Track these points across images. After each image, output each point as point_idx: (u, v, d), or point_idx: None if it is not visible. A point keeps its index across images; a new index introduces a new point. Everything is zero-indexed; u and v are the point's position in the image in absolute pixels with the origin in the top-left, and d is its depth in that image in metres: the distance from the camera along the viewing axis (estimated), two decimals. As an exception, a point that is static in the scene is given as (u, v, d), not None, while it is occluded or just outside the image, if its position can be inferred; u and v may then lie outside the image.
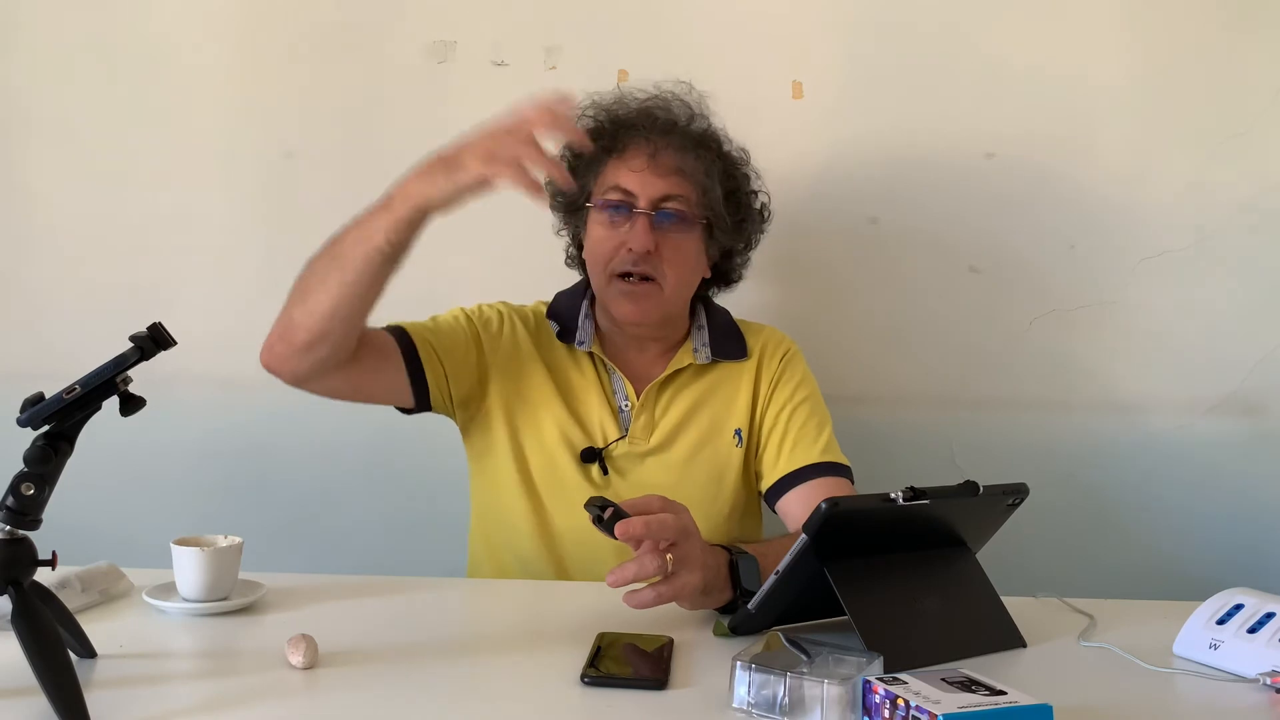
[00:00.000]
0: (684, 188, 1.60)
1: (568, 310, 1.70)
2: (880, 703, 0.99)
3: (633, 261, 1.58)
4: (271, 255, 2.09)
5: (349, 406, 1.70)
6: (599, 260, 1.62)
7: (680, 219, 1.60)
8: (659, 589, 1.23)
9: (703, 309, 1.74)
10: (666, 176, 1.60)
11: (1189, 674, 1.20)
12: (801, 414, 1.66)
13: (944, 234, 2.06)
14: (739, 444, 1.66)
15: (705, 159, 1.62)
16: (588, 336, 1.67)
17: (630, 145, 1.62)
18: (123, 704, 1.05)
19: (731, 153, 1.70)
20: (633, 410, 1.65)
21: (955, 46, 2.03)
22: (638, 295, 1.60)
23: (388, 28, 2.06)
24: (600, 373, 1.67)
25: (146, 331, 1.05)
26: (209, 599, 1.33)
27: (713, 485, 1.64)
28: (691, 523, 1.27)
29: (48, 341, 2.08)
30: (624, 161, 1.61)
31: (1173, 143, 2.03)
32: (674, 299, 1.64)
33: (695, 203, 1.61)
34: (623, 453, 1.63)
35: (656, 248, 1.58)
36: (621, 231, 1.60)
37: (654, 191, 1.59)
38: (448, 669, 1.19)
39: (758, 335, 1.74)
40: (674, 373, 1.67)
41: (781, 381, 1.69)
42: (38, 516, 1.05)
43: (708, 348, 1.69)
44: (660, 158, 1.60)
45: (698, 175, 1.60)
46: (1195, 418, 2.06)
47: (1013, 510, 1.36)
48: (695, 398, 1.67)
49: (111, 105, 2.08)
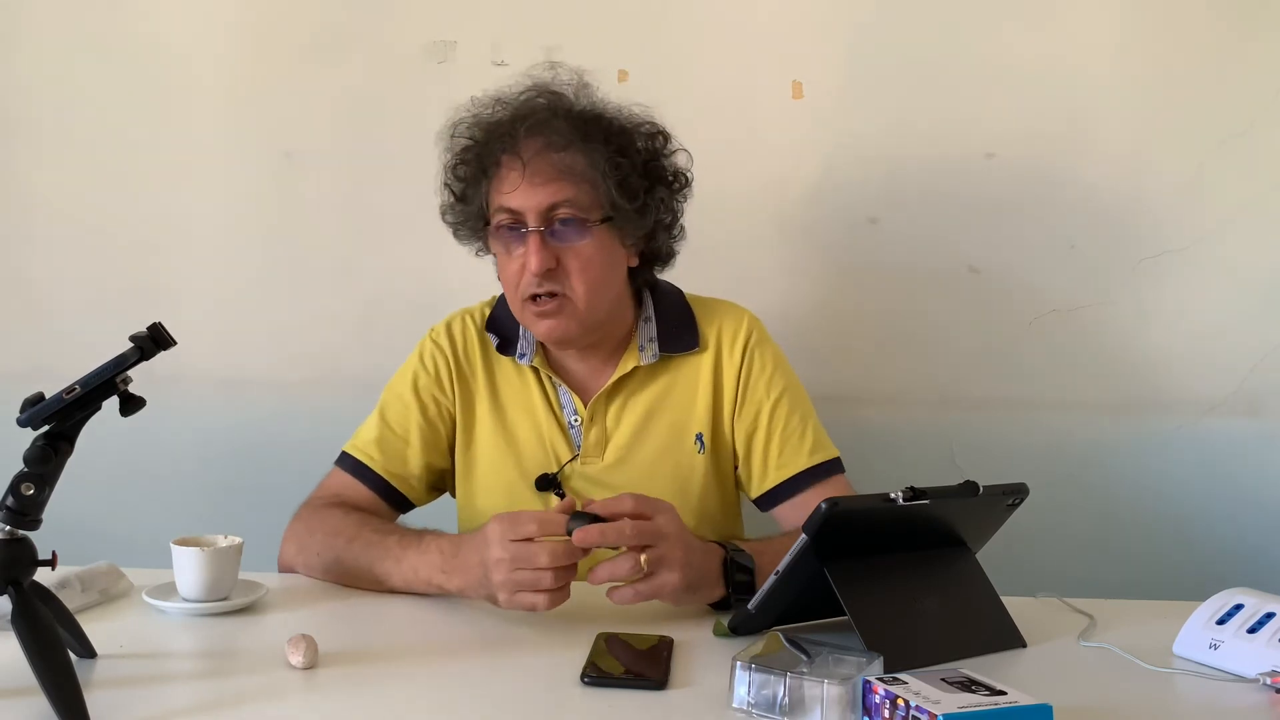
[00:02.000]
0: (569, 190, 1.47)
1: (508, 319, 1.60)
2: (880, 703, 0.99)
3: (536, 283, 1.48)
4: (272, 255, 2.10)
5: (349, 406, 1.70)
6: (509, 286, 1.54)
7: (575, 225, 1.48)
8: (637, 588, 1.25)
9: (649, 296, 1.63)
10: (547, 184, 1.47)
11: (1189, 674, 1.20)
12: (782, 412, 1.59)
13: (944, 234, 2.06)
14: (701, 450, 1.59)
15: (588, 150, 1.47)
16: (529, 349, 1.58)
17: (504, 160, 1.49)
18: (123, 704, 1.05)
19: (624, 127, 1.53)
20: (582, 425, 1.58)
21: (955, 46, 2.03)
22: (550, 312, 1.50)
23: (388, 28, 2.06)
24: (546, 387, 1.60)
25: (146, 331, 1.05)
26: (209, 599, 1.33)
27: (678, 497, 1.50)
28: (671, 523, 1.27)
29: (48, 341, 2.09)
30: (503, 179, 1.49)
31: (1173, 143, 2.03)
32: (591, 308, 1.51)
33: (587, 203, 1.48)
34: (578, 473, 1.57)
35: (558, 262, 1.48)
36: (519, 254, 1.49)
37: (538, 204, 1.47)
38: (448, 669, 1.19)
39: (712, 319, 1.62)
40: (620, 380, 1.58)
41: (752, 377, 1.59)
42: (38, 516, 1.05)
43: (655, 343, 1.59)
44: (535, 165, 1.46)
45: (584, 172, 1.47)
46: (1195, 418, 2.06)
47: (1013, 510, 1.36)
48: (648, 403, 1.59)
49: (111, 105, 2.08)
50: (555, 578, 1.24)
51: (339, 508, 1.53)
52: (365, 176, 2.09)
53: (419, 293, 2.06)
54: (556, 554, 1.24)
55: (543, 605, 1.25)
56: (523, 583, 1.25)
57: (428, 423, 1.61)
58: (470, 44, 2.05)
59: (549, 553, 1.24)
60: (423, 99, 2.04)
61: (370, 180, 2.09)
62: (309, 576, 1.49)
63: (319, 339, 2.10)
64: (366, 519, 1.49)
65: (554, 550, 1.24)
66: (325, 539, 1.47)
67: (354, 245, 2.09)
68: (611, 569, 1.25)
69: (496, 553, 1.25)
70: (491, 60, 2.04)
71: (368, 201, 2.09)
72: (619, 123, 1.54)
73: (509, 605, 1.27)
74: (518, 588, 1.25)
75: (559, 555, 1.24)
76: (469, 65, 2.04)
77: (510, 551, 1.24)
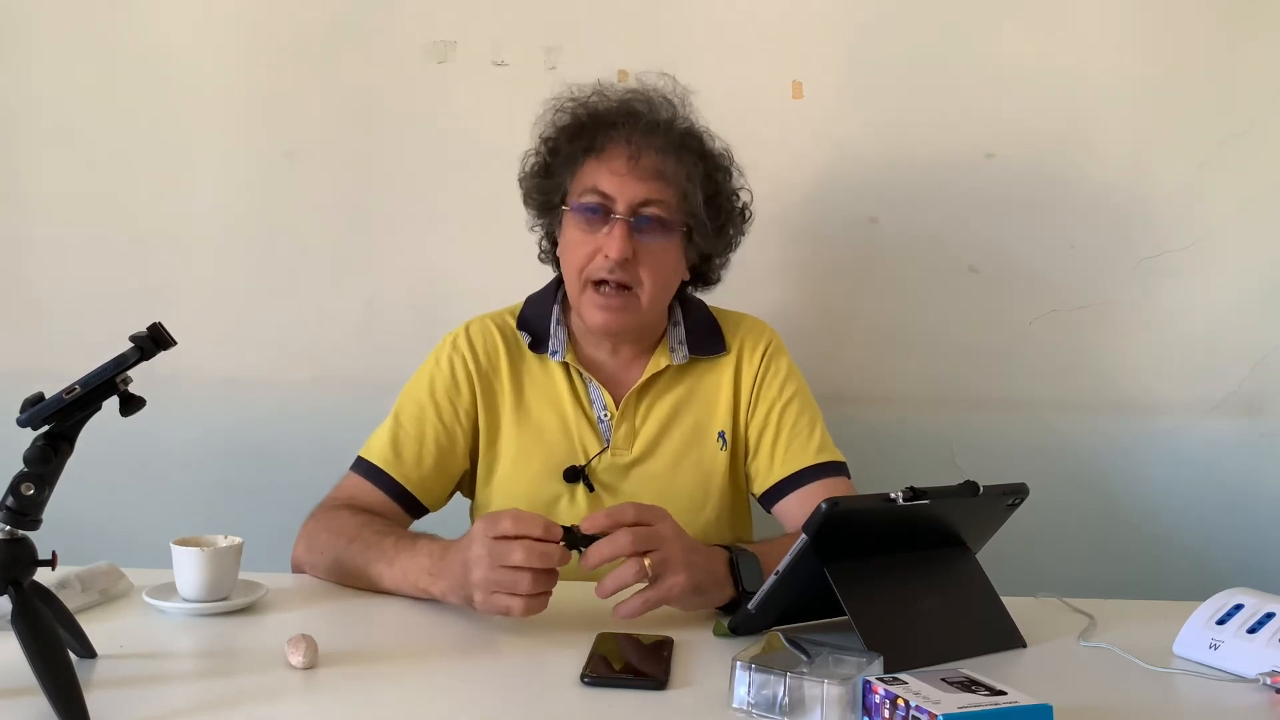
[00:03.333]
0: (665, 192, 1.53)
1: (538, 319, 1.65)
2: (880, 703, 0.99)
3: (609, 269, 1.52)
4: (272, 255, 2.10)
5: (349, 406, 1.70)
6: (574, 265, 1.57)
7: (660, 225, 1.54)
8: (645, 595, 1.24)
9: (679, 307, 1.69)
10: (647, 180, 1.53)
11: (1189, 674, 1.20)
12: (791, 412, 1.64)
13: (944, 234, 2.06)
14: (723, 447, 1.64)
15: (687, 161, 1.55)
16: (560, 345, 1.62)
17: (610, 145, 1.55)
18: (123, 704, 1.05)
19: (714, 152, 1.62)
20: (612, 420, 1.61)
21: (955, 46, 2.03)
22: (613, 305, 1.55)
23: (388, 28, 2.06)
24: (576, 383, 1.63)
25: (146, 331, 1.05)
26: (209, 599, 1.33)
27: (699, 492, 1.62)
28: (670, 527, 1.27)
29: (48, 341, 2.08)
30: (603, 163, 1.55)
31: (1173, 142, 2.03)
32: (651, 308, 1.58)
33: (675, 208, 1.55)
34: (606, 465, 1.60)
35: (634, 254, 1.53)
36: (598, 236, 1.54)
37: (634, 196, 1.53)
38: (448, 669, 1.19)
39: (736, 327, 1.69)
40: (652, 377, 1.63)
41: (767, 379, 1.65)
42: (38, 516, 1.05)
43: (684, 346, 1.64)
44: (642, 160, 1.53)
45: (679, 179, 1.53)
46: (1195, 418, 2.06)
47: (1013, 510, 1.36)
48: (675, 401, 1.63)
49: (111, 105, 2.08)
50: (533, 581, 1.22)
51: (347, 509, 1.54)
52: (365, 176, 2.09)
53: (419, 292, 2.06)
54: (532, 552, 1.22)
55: (518, 610, 1.23)
56: (500, 583, 1.23)
57: (444, 426, 1.61)
58: (470, 44, 2.05)
59: (524, 549, 1.22)
60: (423, 99, 2.04)
61: (370, 180, 2.09)
62: (315, 576, 1.49)
63: (319, 339, 2.10)
64: (369, 521, 1.50)
65: (530, 548, 1.22)
66: (329, 539, 1.48)
67: (354, 245, 2.09)
68: (618, 577, 1.25)
69: (477, 550, 1.24)
70: (491, 60, 2.04)
71: (368, 201, 2.09)
72: (714, 146, 1.63)
73: (484, 606, 1.25)
74: (494, 588, 1.23)
75: (534, 555, 1.22)
76: (469, 65, 2.04)
77: (489, 549, 1.23)
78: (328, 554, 1.47)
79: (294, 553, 1.53)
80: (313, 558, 1.50)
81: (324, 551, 1.48)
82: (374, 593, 1.42)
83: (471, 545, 1.26)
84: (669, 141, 1.55)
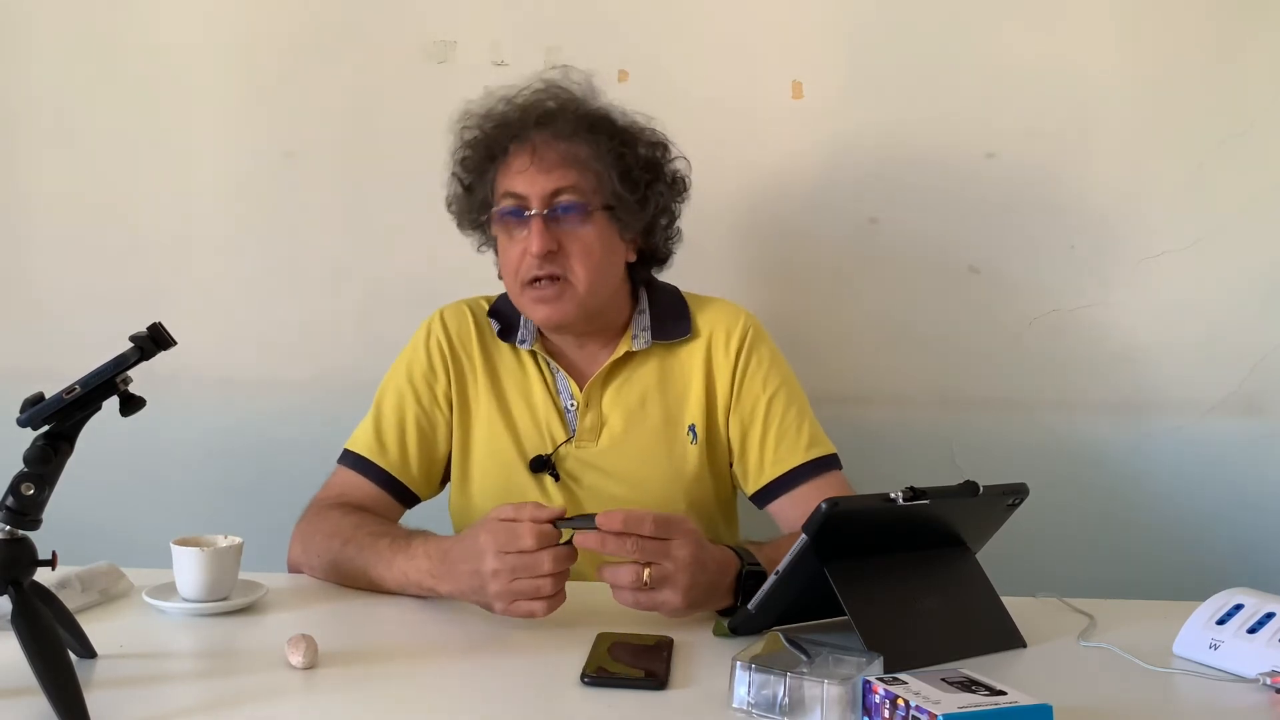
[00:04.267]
0: (574, 178, 1.53)
1: (509, 308, 1.64)
2: (880, 703, 0.99)
3: (537, 265, 1.53)
4: (271, 255, 2.10)
5: (349, 406, 1.70)
6: (509, 272, 1.58)
7: (578, 210, 1.53)
8: (637, 596, 1.25)
9: (645, 293, 1.67)
10: (553, 170, 1.53)
11: (1189, 674, 1.20)
12: (778, 408, 1.61)
13: (944, 234, 2.06)
14: (693, 440, 1.62)
15: (594, 141, 1.54)
16: (529, 334, 1.62)
17: (512, 146, 1.56)
18: (123, 704, 1.05)
19: (628, 127, 1.60)
20: (578, 409, 1.61)
21: (955, 46, 2.03)
22: (548, 297, 1.54)
23: (388, 28, 2.06)
24: (544, 371, 1.63)
25: (146, 331, 1.05)
26: (209, 599, 1.33)
27: (670, 486, 1.60)
28: (684, 548, 1.24)
29: (48, 341, 2.08)
30: (510, 165, 1.55)
31: (1173, 142, 2.03)
32: (591, 293, 1.56)
33: (592, 191, 1.54)
34: (572, 455, 1.60)
35: (559, 246, 1.53)
36: (521, 238, 1.54)
37: (543, 189, 1.53)
38: (448, 669, 1.19)
39: (706, 313, 1.66)
40: (614, 365, 1.61)
41: (748, 374, 1.62)
42: (38, 516, 1.05)
43: (648, 332, 1.63)
44: (542, 152, 1.53)
45: (589, 162, 1.53)
46: (1195, 418, 2.06)
47: (1013, 510, 1.36)
48: (642, 391, 1.62)
49: (112, 105, 2.08)
50: (554, 583, 1.24)
51: (339, 508, 1.54)
52: (365, 176, 2.09)
53: (419, 293, 2.04)
54: (559, 559, 1.24)
55: (541, 612, 1.25)
56: (522, 591, 1.25)
57: (424, 411, 1.62)
58: (470, 44, 2.05)
59: (552, 559, 1.23)
60: (423, 99, 2.04)
61: (370, 180, 2.09)
62: (313, 577, 1.49)
63: (319, 339, 2.10)
64: (363, 521, 1.50)
65: (556, 555, 1.24)
66: (324, 540, 1.48)
67: (354, 245, 2.09)
68: (613, 576, 1.25)
69: (492, 564, 1.25)
70: (491, 60, 2.04)
71: (367, 201, 2.09)
72: (624, 122, 1.60)
73: (507, 613, 1.26)
74: (516, 597, 1.25)
75: (561, 560, 1.24)
76: (469, 65, 2.04)
77: (508, 564, 1.24)
78: (324, 556, 1.47)
79: (290, 554, 1.53)
80: (309, 559, 1.50)
81: (320, 554, 1.48)
82: (375, 593, 1.42)
83: (484, 558, 1.25)
84: (567, 126, 1.54)
